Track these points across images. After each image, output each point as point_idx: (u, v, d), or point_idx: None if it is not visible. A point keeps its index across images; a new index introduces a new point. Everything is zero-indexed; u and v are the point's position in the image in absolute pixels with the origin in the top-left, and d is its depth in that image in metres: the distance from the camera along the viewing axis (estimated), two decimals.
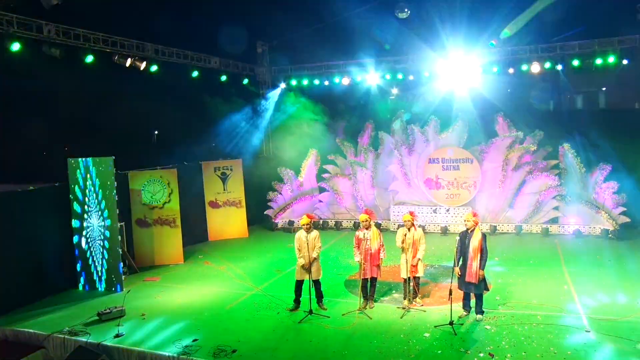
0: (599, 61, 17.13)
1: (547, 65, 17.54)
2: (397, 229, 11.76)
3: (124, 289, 12.41)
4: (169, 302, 11.88)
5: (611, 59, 16.97)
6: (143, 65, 15.43)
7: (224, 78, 19.18)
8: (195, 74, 17.79)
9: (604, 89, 26.44)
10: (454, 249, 9.99)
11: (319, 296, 11.03)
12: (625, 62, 17.03)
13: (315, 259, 10.71)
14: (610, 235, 16.11)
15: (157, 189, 15.46)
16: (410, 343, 9.13)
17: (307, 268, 10.61)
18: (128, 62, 14.99)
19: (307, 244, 10.55)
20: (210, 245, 17.51)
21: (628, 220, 15.96)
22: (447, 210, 18.09)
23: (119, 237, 13.02)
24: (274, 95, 21.63)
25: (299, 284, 10.90)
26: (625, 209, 16.04)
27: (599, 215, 16.38)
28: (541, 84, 21.33)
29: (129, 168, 15.48)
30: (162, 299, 12.11)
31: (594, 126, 17.26)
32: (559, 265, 13.62)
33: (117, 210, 12.86)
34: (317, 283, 10.94)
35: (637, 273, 12.64)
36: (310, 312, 10.50)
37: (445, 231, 17.87)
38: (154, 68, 16.00)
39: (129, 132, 20.71)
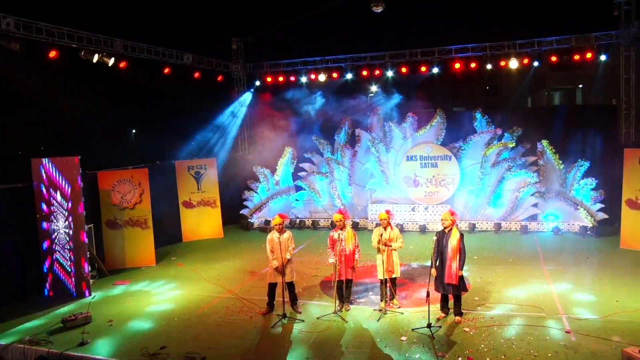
0: (576, 57, 17.08)
1: (526, 61, 17.42)
2: (375, 227, 11.45)
3: (91, 294, 11.93)
4: (139, 307, 11.42)
5: (588, 55, 16.93)
6: (111, 62, 14.93)
7: (197, 75, 18.68)
8: (167, 70, 17.30)
9: (580, 86, 26.51)
10: (432, 249, 9.70)
11: (293, 299, 10.69)
12: (603, 58, 16.98)
13: (288, 260, 10.36)
14: (588, 232, 16.01)
15: (127, 190, 14.95)
16: (387, 348, 8.82)
17: (280, 270, 10.26)
18: (95, 58, 14.47)
19: (280, 245, 10.20)
20: (184, 247, 17.05)
21: (606, 216, 15.87)
22: (426, 208, 17.86)
23: (87, 240, 12.52)
24: (249, 92, 21.22)
25: (272, 286, 10.53)
26: (603, 205, 15.96)
27: (577, 212, 16.28)
28: (519, 81, 21.29)
29: (101, 168, 14.99)
30: (132, 304, 11.64)
31: (572, 122, 17.18)
32: (539, 263, 13.45)
33: (85, 211, 12.36)
34: (290, 285, 10.58)
35: (614, 270, 12.53)
36: (284, 315, 10.14)
37: (423, 230, 17.64)
38: (123, 64, 15.49)
39: (100, 131, 20.20)
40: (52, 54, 13.46)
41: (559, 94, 29.80)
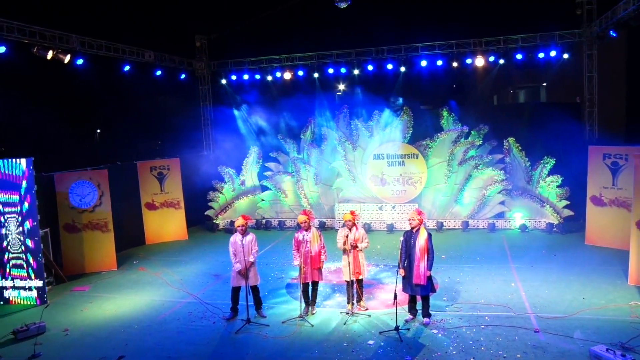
0: (541, 55, 17.18)
1: (492, 59, 17.44)
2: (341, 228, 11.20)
3: (47, 302, 11.40)
4: (97, 315, 10.94)
5: (553, 53, 17.04)
6: (67, 59, 14.32)
7: (159, 73, 18.16)
8: (127, 68, 16.76)
9: (544, 84, 26.75)
10: (399, 248, 9.50)
11: (258, 303, 10.38)
12: (566, 56, 17.09)
13: (252, 263, 10.06)
14: (555, 229, 16.10)
15: (86, 192, 14.40)
16: (353, 352, 8.58)
17: (243, 274, 9.94)
18: (50, 55, 13.83)
19: (243, 247, 9.89)
20: (147, 250, 16.55)
21: (572, 213, 15.97)
22: (393, 207, 17.73)
23: (42, 245, 11.99)
24: (213, 91, 20.79)
25: (236, 290, 10.20)
26: (568, 202, 16.04)
27: (543, 209, 16.35)
28: (485, 79, 21.32)
29: (63, 169, 14.43)
30: (90, 311, 11.14)
31: (537, 120, 17.25)
32: (506, 261, 13.41)
33: (40, 215, 11.84)
34: (255, 289, 10.27)
35: (580, 267, 12.56)
36: (248, 320, 9.82)
37: (391, 229, 17.49)
38: (80, 61, 14.92)
39: (59, 131, 19.49)
40: (1, 49, 12.81)
41: (524, 92, 30.04)
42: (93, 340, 9.57)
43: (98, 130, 26.71)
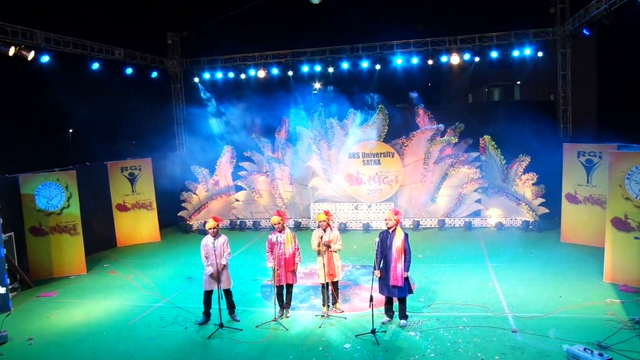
0: (516, 53, 17.19)
1: (467, 56, 17.39)
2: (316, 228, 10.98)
3: (9, 309, 10.94)
4: (64, 321, 10.50)
5: (527, 51, 17.07)
6: (31, 55, 13.81)
7: (130, 71, 17.72)
8: (96, 66, 16.31)
9: (518, 82, 26.90)
10: (375, 250, 9.31)
11: (231, 307, 10.09)
12: (540, 54, 17.12)
13: (224, 266, 9.78)
14: (530, 227, 16.11)
15: (53, 193, 13.94)
16: (329, 357, 8.36)
17: (216, 277, 9.66)
18: (12, 51, 13.32)
19: (215, 250, 9.61)
20: (119, 252, 16.13)
21: (547, 211, 15.98)
22: (369, 206, 17.57)
23: (5, 249, 11.52)
24: (186, 89, 20.41)
25: (208, 294, 9.90)
26: (544, 200, 16.06)
27: (519, 207, 16.35)
28: (461, 77, 21.33)
29: (27, 170, 13.95)
30: (57, 318, 10.70)
31: (512, 118, 17.24)
32: (483, 260, 13.32)
33: (2, 218, 11.37)
34: (227, 293, 9.99)
35: (557, 265, 12.54)
36: (221, 325, 9.52)
37: (367, 228, 17.34)
38: (45, 59, 14.43)
39: (27, 131, 18.93)
40: None
41: (498, 90, 30.20)
42: (58, 349, 9.19)
43: (70, 130, 26.08)
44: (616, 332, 8.71)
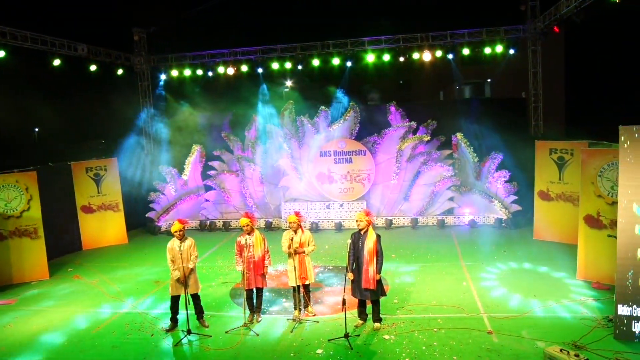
0: (487, 50, 17.13)
1: (439, 53, 17.26)
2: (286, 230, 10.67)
3: None
4: (23, 331, 9.94)
5: (499, 49, 17.02)
6: None
7: (93, 68, 17.13)
8: (57, 62, 15.71)
9: (489, 80, 27.02)
10: (347, 252, 9.04)
11: (199, 312, 9.73)
12: (511, 51, 17.08)
13: (192, 270, 9.42)
14: (503, 224, 16.08)
15: (12, 196, 13.36)
16: None
17: (182, 281, 9.30)
18: None
19: (181, 254, 9.24)
20: (84, 256, 15.58)
21: (519, 208, 15.95)
22: (341, 205, 17.34)
23: None
24: (154, 87, 19.89)
25: (175, 299, 9.52)
26: (516, 197, 16.03)
27: (492, 204, 16.30)
28: (431, 75, 21.26)
29: None
30: (15, 328, 10.13)
31: (484, 115, 17.18)
32: (457, 259, 13.19)
33: None
34: (195, 297, 9.63)
35: (530, 263, 12.48)
36: (189, 331, 9.16)
37: (339, 227, 17.10)
38: (1, 54, 13.82)
39: None
40: None
41: (469, 87, 30.32)
42: None
43: (36, 129, 25.29)
44: (591, 331, 8.63)
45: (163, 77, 19.53)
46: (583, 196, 11.23)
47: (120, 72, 18.54)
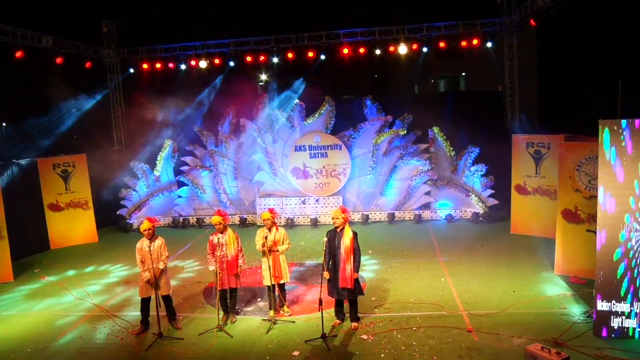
0: (463, 44, 16.98)
1: (415, 46, 17.06)
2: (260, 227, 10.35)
3: None
4: None
5: (475, 42, 16.87)
6: None
7: (59, 60, 16.53)
8: (19, 54, 15.09)
9: (463, 74, 27.00)
10: (323, 249, 8.77)
11: (171, 314, 9.39)
12: (489, 45, 16.95)
13: (162, 271, 9.07)
14: (480, 219, 15.99)
15: None
16: None
17: (153, 283, 8.94)
18: None
19: (151, 254, 8.88)
20: (52, 255, 15.07)
21: (496, 202, 15.88)
22: (317, 200, 17.08)
23: None
24: (124, 80, 19.34)
25: (145, 302, 9.17)
26: (493, 191, 15.95)
27: (469, 198, 16.21)
28: (406, 68, 21.10)
29: None
30: None
31: (461, 109, 17.07)
32: (435, 254, 13.02)
33: None
34: (167, 299, 9.28)
35: (508, 257, 12.37)
36: (160, 335, 8.80)
37: (315, 223, 16.85)
38: None
39: None
40: None
41: (444, 81, 30.28)
42: None
43: (4, 124, 24.49)
44: (570, 327, 8.53)
45: (132, 70, 18.99)
46: (561, 190, 11.14)
47: (88, 64, 17.95)
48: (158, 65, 18.69)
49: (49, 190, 15.89)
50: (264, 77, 20.93)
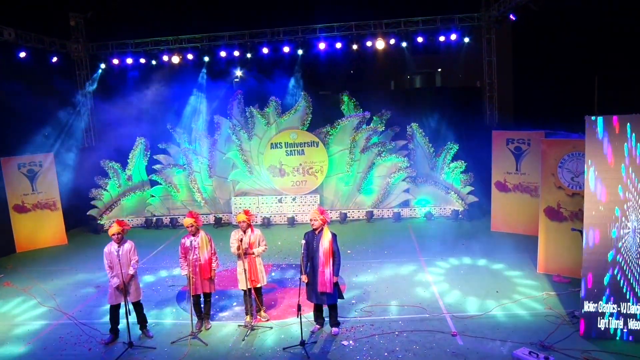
0: (442, 38, 16.72)
1: (392, 41, 16.75)
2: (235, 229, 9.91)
3: None
4: None
5: (453, 37, 16.64)
6: None
7: (23, 55, 15.84)
8: None
9: (439, 70, 26.81)
10: (301, 253, 8.39)
11: (142, 321, 8.92)
12: (467, 40, 16.71)
13: (132, 276, 8.59)
14: (460, 216, 15.79)
15: None
16: None
17: (122, 289, 8.47)
18: None
19: (120, 259, 8.40)
20: (18, 259, 14.39)
21: (476, 199, 15.69)
22: (294, 198, 16.70)
23: None
24: (93, 76, 18.69)
25: (115, 309, 8.69)
26: (472, 188, 15.75)
27: (448, 195, 15.98)
28: (383, 64, 20.78)
29: None
30: None
31: (439, 105, 16.82)
32: (415, 253, 12.74)
33: None
34: (137, 305, 8.81)
35: (489, 256, 12.16)
36: (130, 344, 8.32)
37: (292, 222, 16.47)
38: None
39: None
40: None
41: (419, 77, 30.05)
42: None
43: None
44: (556, 328, 8.32)
45: (103, 65, 18.35)
46: (543, 188, 10.93)
47: (54, 59, 17.26)
48: (129, 60, 18.09)
49: (13, 190, 15.21)
50: (238, 72, 20.38)
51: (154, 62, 17.91)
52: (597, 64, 14.35)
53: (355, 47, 16.92)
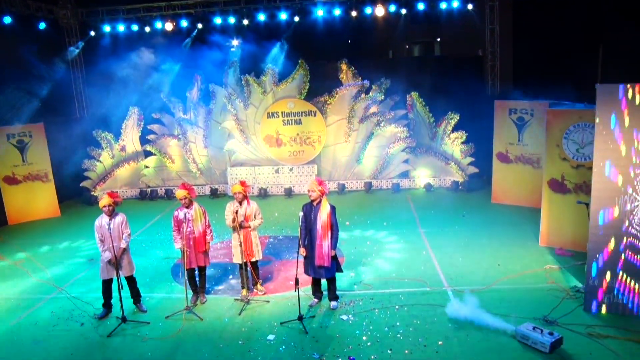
0: (443, 5, 16.21)
1: (392, 8, 16.25)
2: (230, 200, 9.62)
3: None
4: None
5: (455, 4, 16.12)
6: None
7: (8, 20, 15.27)
8: None
9: (438, 39, 26.27)
10: (298, 226, 8.12)
11: (135, 295, 8.69)
12: (470, 7, 16.20)
13: (124, 250, 8.33)
14: (460, 187, 15.53)
15: None
16: (251, 352, 7.20)
17: (114, 263, 8.21)
18: None
19: (111, 232, 8.12)
20: (10, 232, 14.11)
21: (477, 170, 15.41)
22: (291, 169, 16.40)
23: None
24: (82, 43, 18.16)
25: (107, 283, 8.45)
26: (473, 159, 15.45)
27: (448, 166, 15.70)
28: (381, 32, 20.30)
29: None
30: None
31: (439, 74, 16.42)
32: (414, 225, 12.50)
33: None
34: (130, 280, 8.57)
35: (490, 228, 11.91)
36: (124, 319, 8.10)
37: (289, 193, 16.19)
38: None
39: None
40: None
41: (418, 46, 29.52)
42: None
43: None
44: (560, 303, 8.13)
45: (93, 33, 17.82)
46: (547, 159, 10.64)
47: (42, 26, 16.70)
48: (120, 28, 17.56)
49: (3, 162, 14.85)
50: (234, 40, 19.85)
51: (147, 29, 17.38)
52: (600, 33, 13.95)
53: (354, 13, 16.40)
